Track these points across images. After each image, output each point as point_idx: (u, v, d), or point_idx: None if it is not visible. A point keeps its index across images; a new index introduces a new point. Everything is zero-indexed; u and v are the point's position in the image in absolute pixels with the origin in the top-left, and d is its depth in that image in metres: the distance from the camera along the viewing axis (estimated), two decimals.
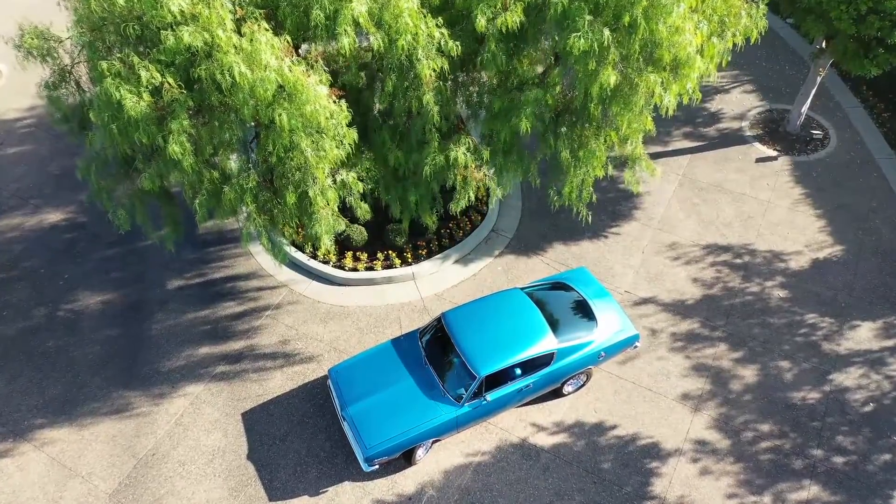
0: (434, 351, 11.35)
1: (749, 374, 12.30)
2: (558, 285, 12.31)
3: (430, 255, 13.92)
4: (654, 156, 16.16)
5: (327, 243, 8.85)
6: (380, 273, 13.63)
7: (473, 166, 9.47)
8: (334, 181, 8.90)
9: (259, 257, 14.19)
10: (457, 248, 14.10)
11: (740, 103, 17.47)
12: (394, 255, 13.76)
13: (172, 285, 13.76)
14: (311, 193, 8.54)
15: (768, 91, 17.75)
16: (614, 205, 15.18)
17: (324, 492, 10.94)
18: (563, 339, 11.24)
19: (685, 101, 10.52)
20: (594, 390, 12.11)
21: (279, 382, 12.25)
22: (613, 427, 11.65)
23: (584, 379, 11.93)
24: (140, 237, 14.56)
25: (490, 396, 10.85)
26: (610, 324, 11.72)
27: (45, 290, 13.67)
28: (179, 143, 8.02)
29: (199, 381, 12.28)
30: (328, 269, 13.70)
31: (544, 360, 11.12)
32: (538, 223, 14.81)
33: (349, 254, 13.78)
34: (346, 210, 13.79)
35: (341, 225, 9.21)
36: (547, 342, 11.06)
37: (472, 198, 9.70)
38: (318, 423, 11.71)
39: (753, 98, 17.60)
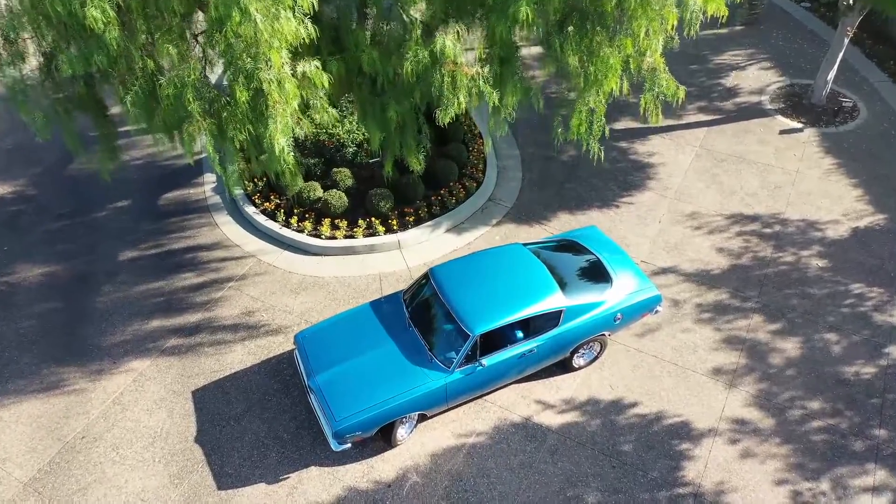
0: (420, 311, 9.59)
1: (790, 347, 10.48)
2: (566, 243, 10.62)
3: (418, 224, 12.27)
4: (668, 129, 14.72)
5: (282, 143, 7.21)
6: (361, 241, 11.95)
7: (464, 62, 7.92)
8: (294, 72, 7.35)
9: (225, 227, 12.54)
10: (449, 215, 12.46)
11: (758, 79, 16.10)
12: (377, 222, 12.11)
13: (125, 256, 12.06)
14: (264, 83, 6.96)
15: (787, 67, 16.41)
16: (625, 175, 13.61)
17: (285, 478, 9.01)
18: (573, 296, 9.48)
19: (710, 12, 9.07)
20: (609, 365, 10.27)
21: (239, 357, 10.43)
22: (634, 405, 9.78)
23: (598, 349, 10.11)
24: (93, 209, 13.02)
25: (486, 361, 9.03)
26: (627, 282, 9.98)
27: None
28: (101, 8, 6.50)
29: (146, 357, 10.46)
30: (302, 238, 12.03)
31: (550, 321, 9.34)
32: (541, 193, 13.21)
33: (326, 221, 12.12)
34: (324, 177, 12.26)
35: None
36: (553, 299, 9.31)
37: (463, 105, 8.13)
38: (282, 401, 9.85)
39: (772, 74, 16.24)
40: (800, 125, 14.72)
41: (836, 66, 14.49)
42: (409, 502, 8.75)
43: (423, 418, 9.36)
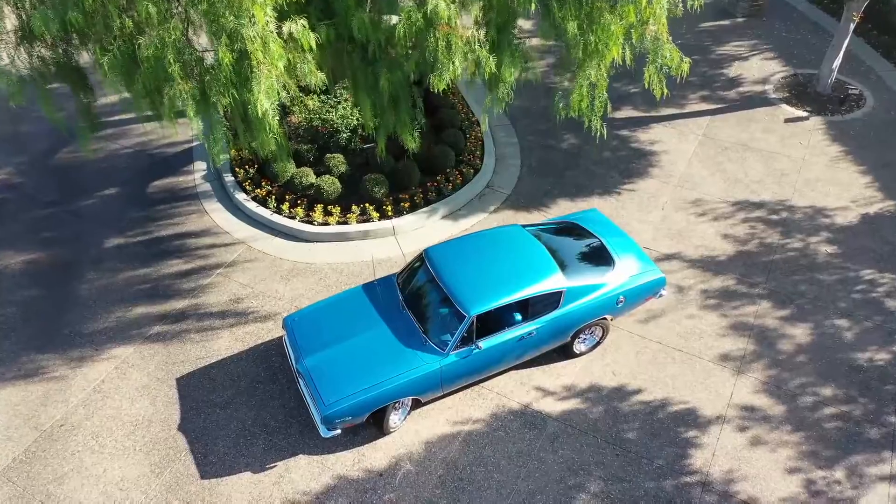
0: (414, 293, 9.19)
1: (800, 333, 10.07)
2: (567, 225, 10.25)
3: (414, 210, 11.89)
4: (670, 118, 14.39)
5: (265, 105, 6.81)
6: (354, 227, 11.57)
7: (459, 24, 7.55)
8: (279, 31, 6.99)
9: (214, 215, 12.17)
10: (445, 201, 12.09)
11: (761, 69, 15.79)
12: (371, 208, 11.73)
13: (111, 244, 11.68)
14: (247, 41, 6.60)
15: (791, 58, 16.10)
16: (626, 163, 13.25)
17: (272, 467, 8.57)
18: (574, 278, 9.09)
19: None
20: (611, 351, 9.86)
21: (226, 343, 10.02)
22: (637, 391, 9.35)
23: (600, 334, 9.70)
24: (80, 197, 12.66)
25: (483, 344, 8.62)
26: (629, 264, 9.59)
27: None
28: None
29: (130, 343, 10.05)
30: (294, 224, 11.66)
31: (550, 302, 8.94)
32: (540, 180, 12.84)
33: (319, 207, 11.75)
34: (317, 164, 11.92)
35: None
36: (553, 280, 8.91)
37: (459, 70, 7.77)
38: (270, 388, 9.43)
39: (775, 64, 15.93)
40: (805, 114, 14.38)
41: (841, 54, 14.17)
42: (401, 491, 8.31)
43: (417, 405, 8.94)
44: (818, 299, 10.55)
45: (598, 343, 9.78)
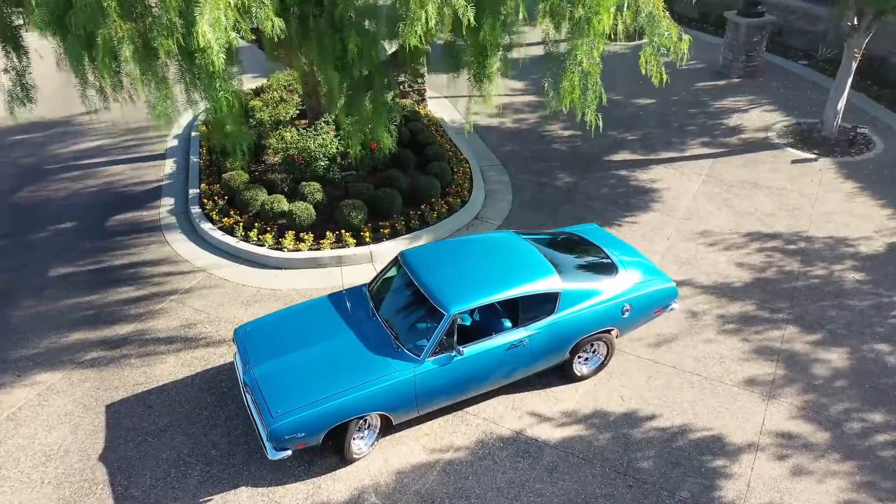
0: (387, 298, 7.97)
1: (836, 357, 8.70)
2: (565, 235, 9.15)
3: (395, 237, 10.82)
4: (670, 160, 13.62)
5: (209, 38, 5.87)
6: (327, 253, 10.45)
7: None
8: None
9: (176, 245, 11.08)
10: (430, 229, 11.03)
11: (762, 119, 15.22)
12: (347, 235, 10.66)
13: (57, 272, 10.53)
14: None
15: (791, 110, 15.58)
16: (626, 198, 12.31)
17: (206, 501, 6.98)
18: (571, 281, 7.86)
19: None
20: (618, 375, 8.45)
21: (170, 369, 8.63)
22: (651, 417, 7.87)
23: (604, 353, 8.33)
24: (35, 230, 11.66)
25: (466, 351, 7.27)
26: (635, 271, 8.40)
27: None
28: None
29: (59, 369, 8.67)
30: (262, 251, 10.54)
31: (544, 306, 7.67)
32: (533, 212, 11.85)
33: (290, 234, 10.69)
34: (292, 194, 10.87)
35: (234, 37, 6.30)
36: (548, 281, 7.70)
37: (433, 22, 6.94)
38: (215, 414, 7.96)
39: (776, 115, 15.37)
40: (813, 155, 13.62)
41: (845, 94, 13.62)
42: None
43: (387, 427, 7.44)
44: (852, 324, 9.25)
45: (603, 364, 8.40)
